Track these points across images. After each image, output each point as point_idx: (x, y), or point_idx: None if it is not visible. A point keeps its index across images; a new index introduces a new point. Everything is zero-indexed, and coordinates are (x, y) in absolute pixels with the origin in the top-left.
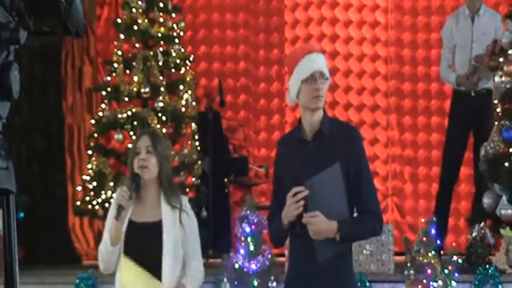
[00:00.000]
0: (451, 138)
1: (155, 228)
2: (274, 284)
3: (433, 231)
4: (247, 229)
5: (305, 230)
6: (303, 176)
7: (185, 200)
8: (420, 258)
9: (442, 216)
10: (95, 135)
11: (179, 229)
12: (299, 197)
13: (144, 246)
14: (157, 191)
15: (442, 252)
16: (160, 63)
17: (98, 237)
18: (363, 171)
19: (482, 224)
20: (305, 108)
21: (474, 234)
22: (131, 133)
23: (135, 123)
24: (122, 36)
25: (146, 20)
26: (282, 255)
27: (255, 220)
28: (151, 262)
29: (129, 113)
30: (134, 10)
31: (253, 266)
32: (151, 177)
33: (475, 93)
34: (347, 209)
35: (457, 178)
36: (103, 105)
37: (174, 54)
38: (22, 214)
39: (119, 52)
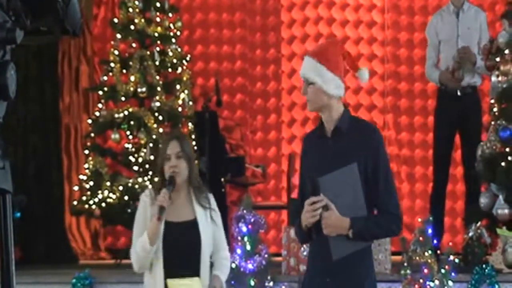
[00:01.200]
0: (438, 138)
1: (192, 226)
2: (271, 283)
3: (429, 231)
4: (244, 229)
5: (321, 234)
6: (319, 172)
7: (212, 198)
8: (417, 258)
9: (437, 216)
10: (92, 134)
11: (210, 224)
12: (316, 207)
13: (183, 243)
14: (187, 192)
15: (438, 251)
16: (157, 63)
17: (95, 237)
18: (380, 170)
19: (479, 223)
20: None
21: (470, 234)
22: (128, 132)
23: (131, 122)
24: (119, 35)
25: (143, 20)
26: (279, 254)
27: (252, 220)
28: (190, 258)
29: (126, 112)
30: (131, 9)
31: (250, 266)
32: (182, 181)
33: (461, 91)
34: (364, 209)
35: (448, 177)
36: (99, 105)
37: (171, 53)
38: (18, 214)
39: (116, 52)
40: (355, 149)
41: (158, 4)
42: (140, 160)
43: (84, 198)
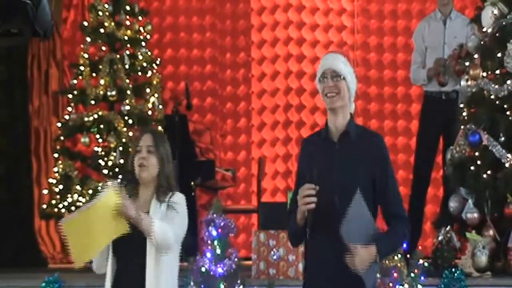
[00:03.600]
0: (422, 142)
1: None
2: (241, 287)
3: None
4: (214, 233)
5: (316, 229)
6: (326, 176)
7: (177, 196)
8: (387, 262)
9: (415, 220)
10: (62, 138)
11: (164, 214)
12: (308, 193)
13: (129, 237)
14: (153, 190)
15: (408, 255)
16: (127, 66)
17: (64, 241)
18: (389, 177)
19: (448, 227)
20: (327, 109)
21: (440, 238)
22: (98, 136)
23: (101, 126)
24: (88, 39)
25: (112, 23)
26: (249, 258)
27: (222, 224)
28: (135, 253)
29: (96, 116)
30: (100, 13)
31: (220, 270)
32: (150, 176)
33: (445, 96)
34: (372, 221)
35: (429, 181)
36: (69, 108)
37: (140, 57)
38: None
39: (86, 55)
40: (363, 156)
41: (128, 8)
42: (110, 163)
43: (53, 201)
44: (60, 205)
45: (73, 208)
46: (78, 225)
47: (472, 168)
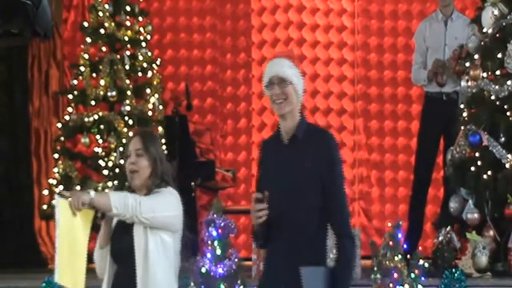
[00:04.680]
0: (423, 143)
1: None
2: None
3: (399, 235)
4: (214, 233)
5: (273, 239)
6: (276, 180)
7: (169, 188)
8: (387, 262)
9: (416, 220)
10: (62, 138)
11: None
12: (258, 207)
13: (117, 241)
14: (148, 191)
15: (409, 256)
16: (127, 67)
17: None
18: (336, 177)
19: (449, 228)
20: (277, 115)
21: (440, 238)
22: (98, 136)
23: (101, 126)
24: (88, 39)
25: (113, 24)
26: (249, 259)
27: (222, 224)
28: (123, 257)
29: (96, 116)
30: (101, 13)
31: (220, 270)
32: (142, 180)
33: (446, 97)
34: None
35: (430, 181)
36: (69, 109)
37: (141, 57)
38: None
39: (86, 56)
40: (311, 156)
41: (128, 8)
42: (110, 164)
43: (53, 202)
44: None
45: None
46: (67, 263)
47: (472, 168)
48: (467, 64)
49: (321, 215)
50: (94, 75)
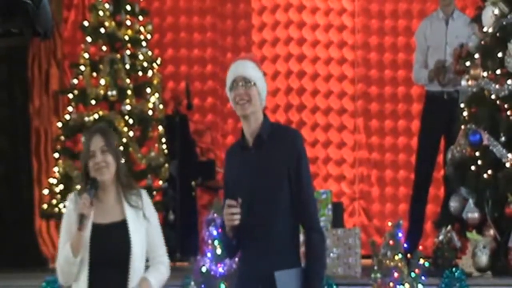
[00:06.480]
0: (423, 142)
1: (121, 227)
2: None
3: (400, 235)
4: (214, 233)
5: (244, 242)
6: (243, 184)
7: (145, 195)
8: (387, 262)
9: (416, 219)
10: (62, 138)
11: (143, 224)
12: (231, 211)
13: (111, 246)
14: (116, 189)
15: (409, 255)
16: (127, 66)
17: None
18: (303, 174)
19: (449, 227)
20: (240, 116)
21: (440, 238)
22: None
23: None
24: (89, 38)
25: (113, 23)
26: None
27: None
28: (119, 264)
29: (96, 116)
30: (101, 12)
31: (220, 270)
32: (111, 174)
33: (447, 96)
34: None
35: (431, 181)
36: (70, 108)
37: (141, 57)
38: None
39: (86, 55)
40: (277, 156)
41: (128, 7)
42: None
43: (54, 201)
44: (61, 205)
45: None
46: None
47: (472, 168)
48: (468, 63)
49: (292, 215)
50: (94, 74)
